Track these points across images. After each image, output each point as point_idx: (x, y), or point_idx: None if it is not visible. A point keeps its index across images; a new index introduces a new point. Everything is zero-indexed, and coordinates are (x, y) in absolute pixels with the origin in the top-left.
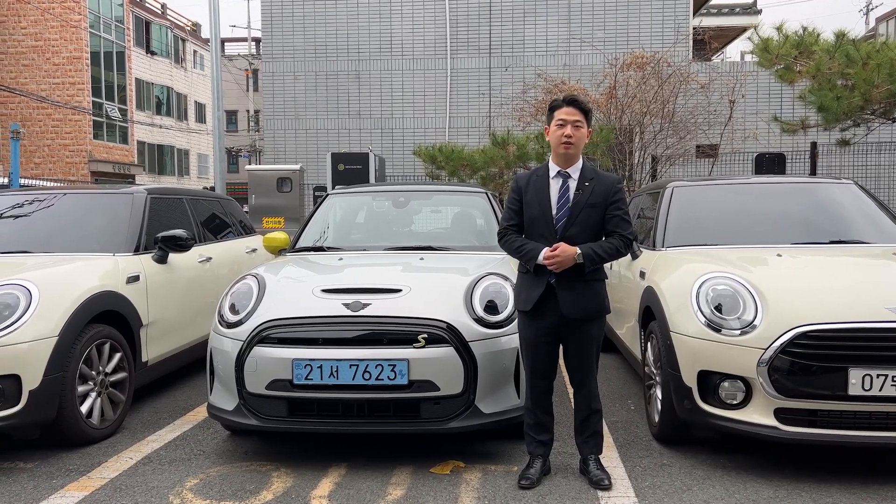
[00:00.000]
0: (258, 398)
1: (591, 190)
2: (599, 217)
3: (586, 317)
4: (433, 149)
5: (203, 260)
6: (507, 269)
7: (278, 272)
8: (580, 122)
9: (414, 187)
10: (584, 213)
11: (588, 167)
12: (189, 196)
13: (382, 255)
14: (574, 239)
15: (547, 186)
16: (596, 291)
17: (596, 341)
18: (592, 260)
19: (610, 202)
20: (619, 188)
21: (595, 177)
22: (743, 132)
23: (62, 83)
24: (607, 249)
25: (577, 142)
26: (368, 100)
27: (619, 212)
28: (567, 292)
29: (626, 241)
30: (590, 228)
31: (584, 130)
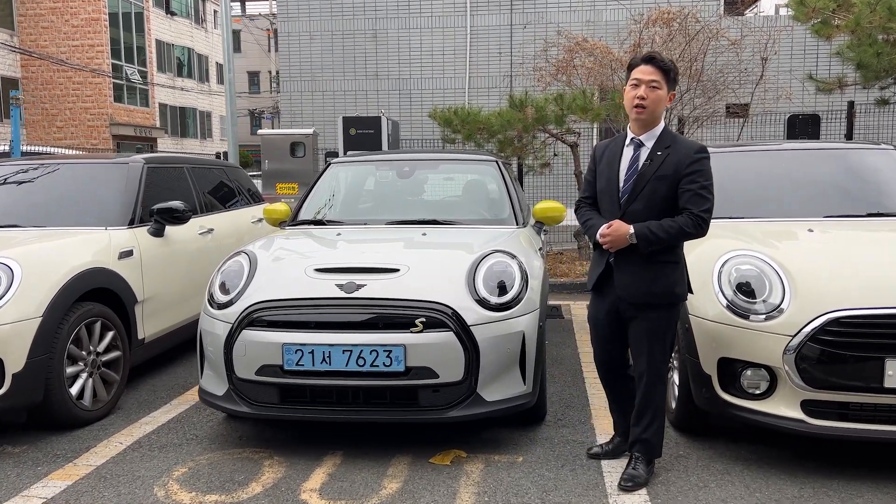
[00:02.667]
0: (248, 384)
1: (662, 160)
2: (669, 191)
3: (645, 301)
4: (448, 111)
5: (204, 232)
6: (517, 244)
7: (271, 249)
8: (657, 82)
9: (420, 155)
10: (651, 185)
11: (668, 134)
12: (190, 165)
13: (383, 229)
14: (637, 215)
15: (618, 156)
16: (662, 274)
17: (656, 333)
18: (648, 240)
19: (684, 174)
20: (698, 158)
21: (672, 144)
22: (775, 92)
23: (81, 45)
24: (668, 229)
25: (652, 105)
26: (386, 60)
27: (694, 185)
28: (625, 274)
29: (697, 221)
30: (658, 204)
31: (663, 93)
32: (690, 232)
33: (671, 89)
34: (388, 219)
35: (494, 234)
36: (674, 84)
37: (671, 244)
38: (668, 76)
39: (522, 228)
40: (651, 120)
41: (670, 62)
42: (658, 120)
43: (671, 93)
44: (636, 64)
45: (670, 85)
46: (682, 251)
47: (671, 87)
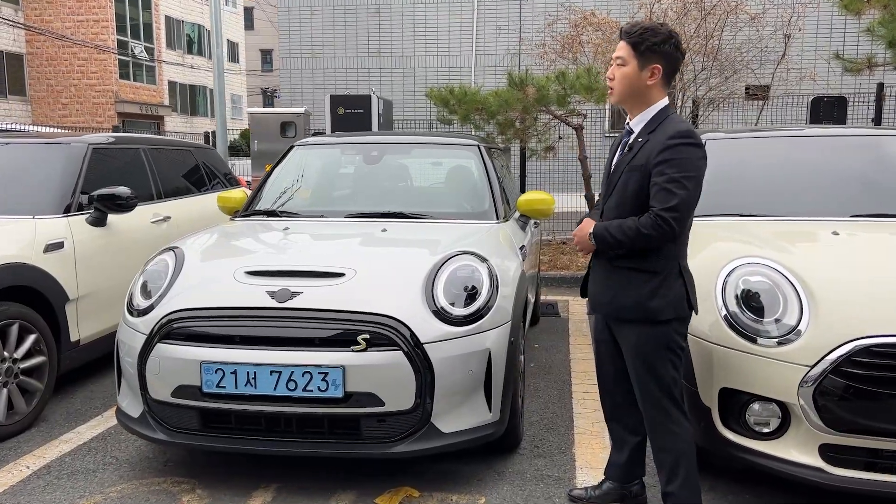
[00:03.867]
0: (165, 406)
1: (639, 148)
2: (640, 185)
3: (615, 315)
4: (445, 90)
5: (158, 220)
6: (492, 243)
7: (203, 245)
8: (622, 58)
9: (392, 138)
10: (623, 178)
11: (660, 118)
12: (149, 146)
13: (340, 223)
14: (609, 213)
15: (617, 144)
16: (629, 284)
17: (641, 356)
18: (605, 242)
19: (653, 163)
20: (672, 144)
21: (655, 130)
22: (799, 72)
23: (86, 20)
24: (626, 230)
25: (618, 85)
26: (389, 37)
27: (660, 178)
28: (593, 283)
29: (656, 221)
30: (628, 200)
31: (629, 69)
32: (648, 234)
33: (647, 63)
34: (348, 211)
35: (467, 231)
36: (651, 56)
37: (632, 248)
38: (636, 49)
39: (503, 224)
40: (630, 102)
41: (642, 30)
42: (645, 100)
43: (651, 66)
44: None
45: (643, 58)
46: (671, 259)
47: (646, 60)
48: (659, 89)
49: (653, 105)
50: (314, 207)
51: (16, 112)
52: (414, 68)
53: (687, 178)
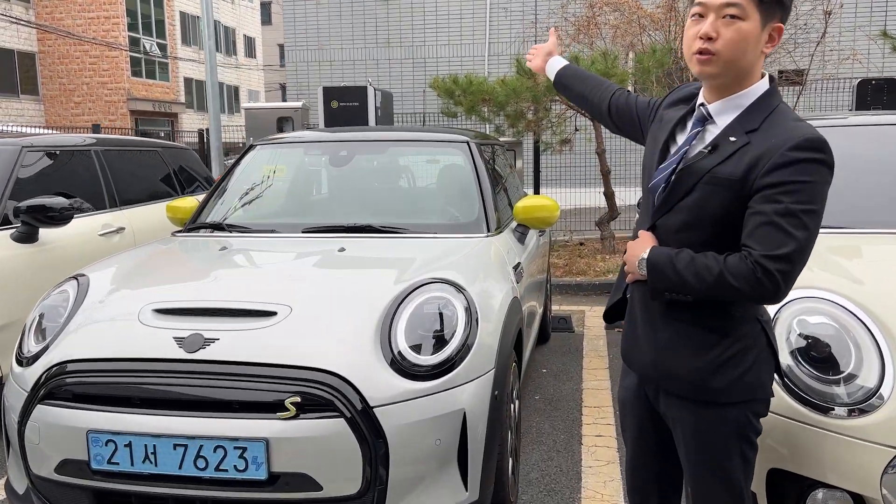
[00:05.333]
0: (49, 484)
1: (732, 150)
2: (730, 209)
3: (674, 390)
4: (449, 80)
5: (109, 232)
6: (476, 265)
7: (115, 272)
8: (737, 6)
9: (364, 135)
10: (701, 192)
11: (765, 106)
12: (103, 147)
13: (292, 241)
14: (670, 235)
15: (675, 123)
16: (687, 346)
17: (701, 444)
18: (665, 279)
19: (760, 183)
20: (796, 159)
21: (763, 127)
22: (839, 53)
23: (97, 17)
24: (701, 271)
25: (727, 51)
26: (398, 26)
27: (769, 207)
28: (632, 331)
29: (755, 272)
30: (707, 226)
31: (750, 26)
32: (738, 287)
33: (770, 19)
34: (306, 223)
35: (448, 249)
36: (777, 9)
37: (707, 298)
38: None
39: (495, 237)
40: (729, 78)
41: None
42: (747, 77)
43: (772, 26)
44: None
45: (767, 12)
46: (751, 313)
47: (770, 14)
48: (760, 64)
49: (752, 86)
50: (267, 220)
51: (28, 112)
52: (424, 58)
53: (810, 214)
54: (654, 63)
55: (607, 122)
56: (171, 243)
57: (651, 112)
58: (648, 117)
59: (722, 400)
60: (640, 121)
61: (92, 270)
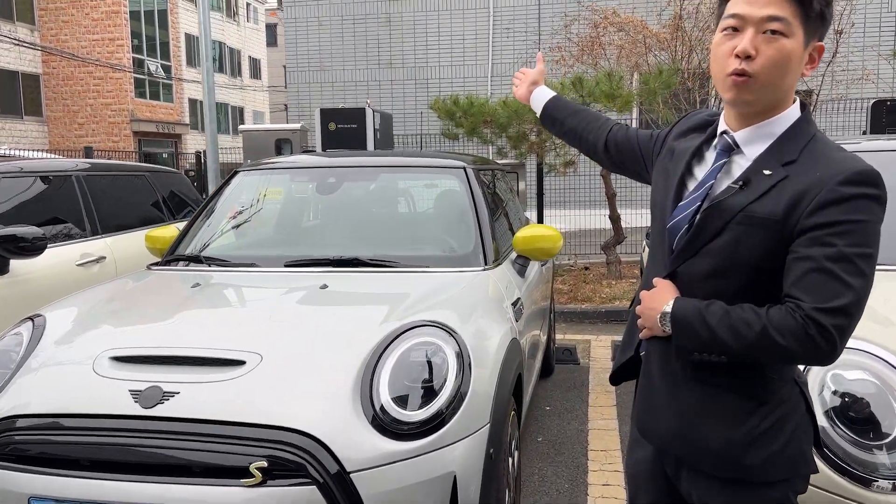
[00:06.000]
0: None
1: (769, 185)
2: (769, 253)
3: (701, 466)
4: (449, 101)
5: (88, 262)
6: (471, 304)
7: (75, 312)
8: (782, 21)
9: (354, 160)
10: (732, 233)
11: (802, 133)
12: (85, 172)
13: (271, 277)
14: (697, 283)
15: (691, 155)
16: (715, 414)
17: None
18: (695, 337)
19: (804, 224)
20: (847, 196)
21: (800, 160)
22: (847, 73)
23: (101, 39)
24: (738, 327)
25: (767, 72)
26: (401, 47)
27: (821, 251)
28: (648, 394)
29: (805, 329)
30: (742, 273)
31: (794, 44)
32: (786, 345)
33: (814, 37)
34: (288, 256)
35: (440, 285)
36: (821, 26)
37: (741, 356)
38: (805, 7)
39: (492, 270)
40: (765, 103)
41: None
42: (781, 102)
43: (814, 44)
44: None
45: (811, 28)
46: (789, 375)
47: (814, 31)
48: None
49: (784, 112)
50: (248, 252)
51: (32, 133)
52: (427, 79)
53: (866, 258)
54: (660, 84)
55: (603, 159)
56: (142, 278)
57: (656, 144)
58: (653, 150)
59: (758, 479)
60: (643, 155)
61: (51, 310)
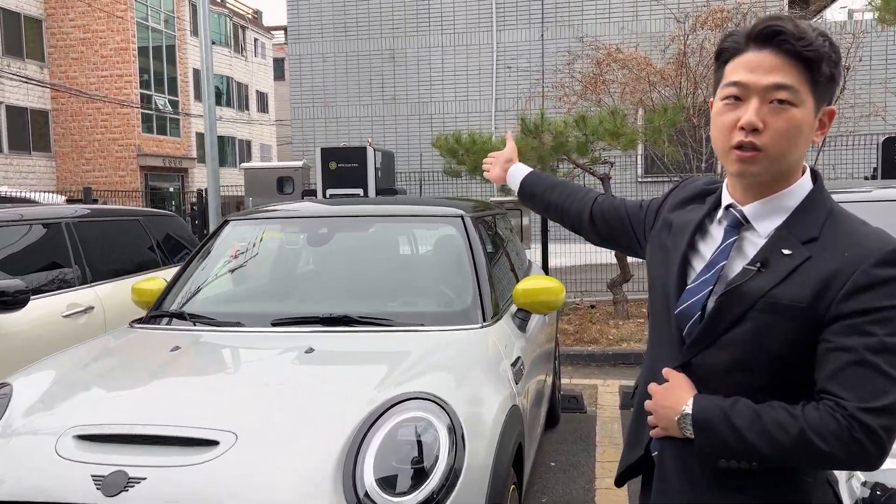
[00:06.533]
0: None
1: (791, 267)
2: (797, 340)
3: None
4: (452, 138)
5: (75, 313)
6: (466, 368)
7: (45, 380)
8: (789, 90)
9: (347, 209)
10: (755, 322)
11: (819, 206)
12: (75, 219)
13: (256, 337)
14: (715, 375)
15: (694, 229)
16: None
17: None
18: (721, 445)
19: (841, 311)
20: (884, 278)
21: (822, 237)
22: (855, 109)
23: (110, 75)
24: (770, 430)
25: (776, 145)
26: (405, 83)
27: (859, 341)
28: (680, 495)
29: (850, 431)
30: (764, 364)
31: (802, 113)
32: (828, 452)
33: (823, 102)
34: (275, 314)
35: (434, 347)
36: (830, 89)
37: (778, 464)
38: (813, 72)
39: (491, 326)
40: (773, 175)
41: (820, 39)
42: (790, 173)
43: (824, 109)
44: (738, 46)
45: (821, 93)
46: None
47: (824, 97)
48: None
49: (796, 182)
50: (234, 308)
51: (39, 169)
52: (431, 114)
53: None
54: (665, 122)
55: (589, 233)
56: (121, 339)
57: (647, 215)
58: (645, 221)
59: None
60: (633, 227)
61: (19, 377)
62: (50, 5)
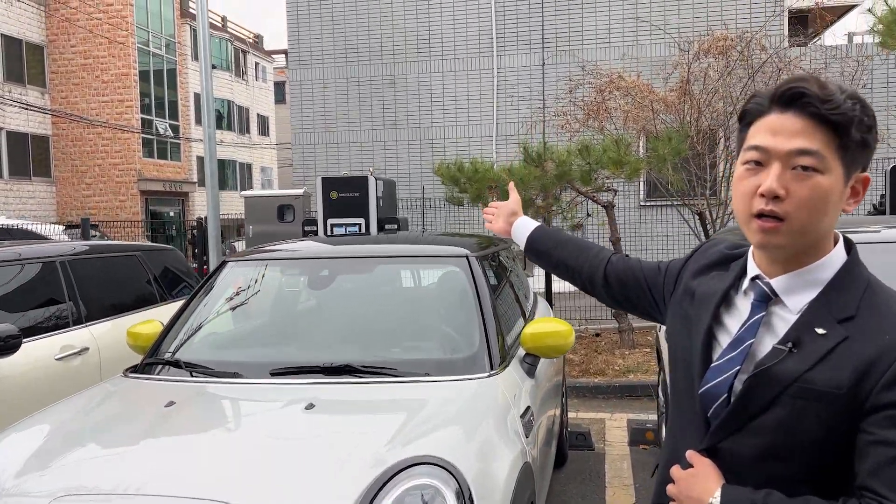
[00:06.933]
0: None
1: (825, 350)
2: (831, 432)
3: None
4: (454, 166)
5: (69, 355)
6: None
7: (25, 443)
8: (815, 155)
9: (349, 249)
10: (787, 407)
11: (855, 280)
12: (71, 257)
13: (255, 389)
14: (739, 463)
15: (719, 300)
16: None
17: None
18: None
19: (883, 401)
20: None
21: (859, 316)
22: None
23: (111, 101)
24: None
25: (801, 213)
26: (405, 108)
27: None
28: None
29: None
30: (798, 452)
31: (830, 181)
32: None
33: (856, 168)
34: (275, 363)
35: (440, 401)
36: (863, 154)
37: None
38: (841, 137)
39: (499, 375)
40: (799, 247)
41: (849, 102)
42: (820, 244)
43: (858, 176)
44: (761, 108)
45: (851, 159)
46: None
47: (856, 162)
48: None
49: (827, 254)
50: (232, 357)
51: (39, 194)
52: (432, 139)
53: None
54: (669, 151)
55: (603, 295)
56: (114, 392)
57: (667, 279)
58: (664, 285)
59: None
60: (650, 291)
61: (9, 433)
62: (52, 32)
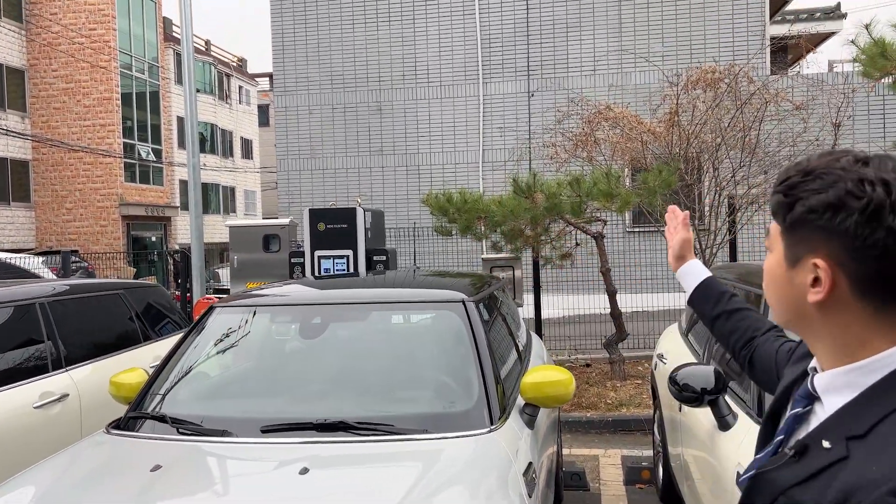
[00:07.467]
0: None
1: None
2: None
3: None
4: (443, 197)
5: (48, 402)
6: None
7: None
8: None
9: (341, 296)
10: None
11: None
12: (51, 298)
13: (244, 450)
14: None
15: (789, 385)
16: None
17: None
18: None
19: None
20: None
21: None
22: None
23: (92, 125)
24: None
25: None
26: (392, 134)
27: None
28: None
29: None
30: None
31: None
32: None
33: (808, 251)
34: (266, 419)
35: (439, 462)
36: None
37: None
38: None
39: (499, 429)
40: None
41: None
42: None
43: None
44: None
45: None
46: None
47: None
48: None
49: (876, 355)
50: (221, 412)
51: (18, 219)
52: (418, 165)
53: None
54: (660, 183)
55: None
56: (94, 453)
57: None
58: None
59: None
60: (777, 371)
61: None
62: (33, 56)
